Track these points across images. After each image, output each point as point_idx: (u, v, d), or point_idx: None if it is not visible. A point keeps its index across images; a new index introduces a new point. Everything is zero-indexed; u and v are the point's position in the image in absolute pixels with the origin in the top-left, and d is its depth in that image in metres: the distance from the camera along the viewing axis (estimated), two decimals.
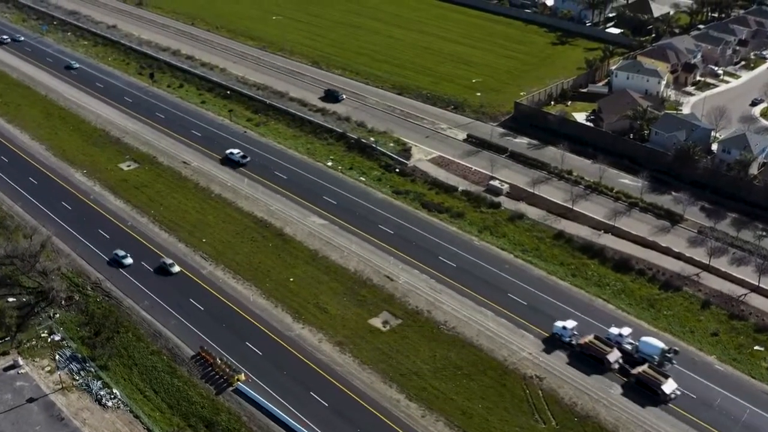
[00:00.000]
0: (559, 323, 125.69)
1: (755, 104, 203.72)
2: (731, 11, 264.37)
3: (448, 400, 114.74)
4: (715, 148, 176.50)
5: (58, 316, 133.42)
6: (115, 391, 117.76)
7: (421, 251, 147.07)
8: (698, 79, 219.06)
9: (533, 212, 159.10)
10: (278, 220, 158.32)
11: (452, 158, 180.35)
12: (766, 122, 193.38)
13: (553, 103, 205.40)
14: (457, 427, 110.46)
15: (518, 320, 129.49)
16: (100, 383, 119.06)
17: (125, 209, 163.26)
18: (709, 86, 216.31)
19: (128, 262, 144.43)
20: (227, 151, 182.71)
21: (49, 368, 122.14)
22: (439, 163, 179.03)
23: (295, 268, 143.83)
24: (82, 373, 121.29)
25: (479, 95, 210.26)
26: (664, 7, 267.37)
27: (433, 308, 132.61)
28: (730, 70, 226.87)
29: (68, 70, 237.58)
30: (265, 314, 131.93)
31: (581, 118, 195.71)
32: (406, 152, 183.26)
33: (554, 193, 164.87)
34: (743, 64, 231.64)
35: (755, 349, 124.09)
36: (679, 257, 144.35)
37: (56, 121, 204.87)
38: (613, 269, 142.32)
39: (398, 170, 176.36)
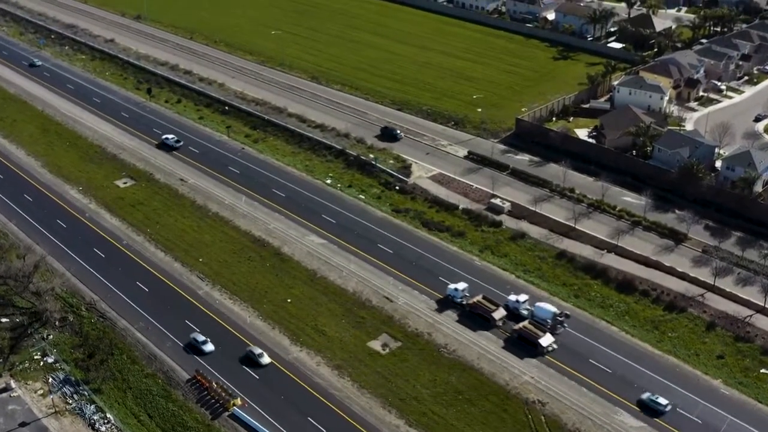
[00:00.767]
0: (451, 285, 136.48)
1: (759, 120, 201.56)
2: (734, 26, 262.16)
3: (448, 426, 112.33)
4: (719, 165, 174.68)
5: (51, 337, 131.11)
6: (108, 415, 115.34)
7: (421, 271, 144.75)
8: (701, 94, 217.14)
9: (535, 231, 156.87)
10: (276, 239, 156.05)
11: (453, 175, 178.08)
12: None
13: (554, 119, 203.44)
14: None
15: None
16: (93, 407, 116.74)
17: (121, 227, 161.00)
18: (712, 102, 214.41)
19: (209, 348, 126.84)
20: (163, 136, 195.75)
21: (41, 391, 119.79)
22: (439, 180, 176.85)
23: (293, 288, 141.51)
24: (75, 396, 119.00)
25: (480, 111, 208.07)
26: (666, 21, 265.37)
27: (433, 330, 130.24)
28: (733, 85, 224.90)
29: (62, 87, 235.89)
30: (262, 336, 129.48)
31: (583, 134, 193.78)
32: (406, 169, 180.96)
33: (556, 211, 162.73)
34: (746, 79, 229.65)
35: (762, 372, 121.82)
36: (683, 277, 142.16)
37: (52, 136, 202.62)
38: (616, 290, 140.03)
39: (398, 188, 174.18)
